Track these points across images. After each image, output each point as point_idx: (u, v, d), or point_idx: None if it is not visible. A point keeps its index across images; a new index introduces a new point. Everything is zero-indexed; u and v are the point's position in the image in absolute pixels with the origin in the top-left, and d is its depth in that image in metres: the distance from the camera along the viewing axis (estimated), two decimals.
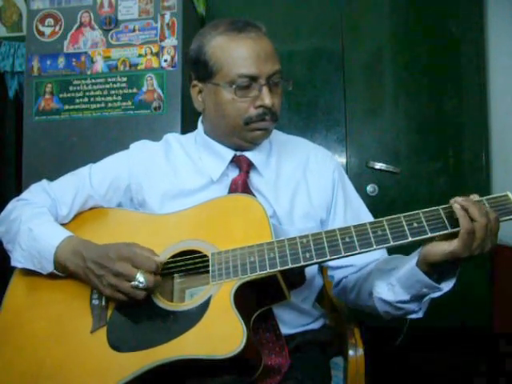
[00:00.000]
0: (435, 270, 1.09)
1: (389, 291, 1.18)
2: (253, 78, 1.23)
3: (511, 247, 2.31)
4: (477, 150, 2.56)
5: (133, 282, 1.07)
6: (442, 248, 1.04)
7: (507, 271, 2.35)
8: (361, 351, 1.30)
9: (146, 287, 1.08)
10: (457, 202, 1.02)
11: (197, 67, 1.31)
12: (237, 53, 1.23)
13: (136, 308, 1.11)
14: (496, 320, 2.46)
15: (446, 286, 1.10)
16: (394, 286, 1.16)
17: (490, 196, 1.04)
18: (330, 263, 1.37)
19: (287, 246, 1.08)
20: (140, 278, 1.07)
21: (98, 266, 1.11)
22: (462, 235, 1.01)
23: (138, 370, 1.01)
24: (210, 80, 1.28)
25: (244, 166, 1.33)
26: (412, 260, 1.12)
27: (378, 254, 1.30)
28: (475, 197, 1.05)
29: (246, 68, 1.23)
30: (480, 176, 2.53)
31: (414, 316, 1.19)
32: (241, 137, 1.30)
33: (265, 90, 1.24)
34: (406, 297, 1.14)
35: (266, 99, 1.24)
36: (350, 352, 1.31)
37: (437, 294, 1.11)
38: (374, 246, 1.04)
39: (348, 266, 1.35)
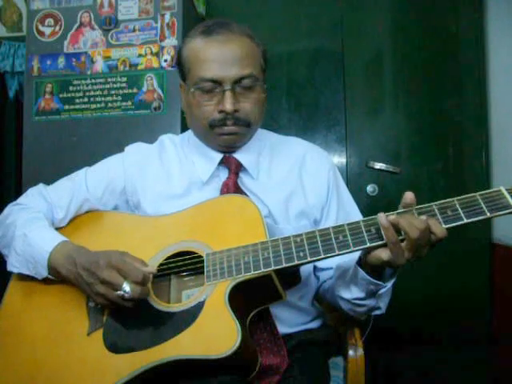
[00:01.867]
0: (380, 270, 1.12)
1: (346, 289, 1.23)
2: (216, 82, 1.24)
3: (511, 247, 2.31)
4: (477, 150, 2.55)
5: (118, 292, 1.07)
6: (379, 256, 1.06)
7: (507, 271, 2.35)
8: (361, 351, 1.31)
9: (132, 297, 1.07)
10: (387, 217, 1.03)
11: (178, 68, 1.35)
12: (202, 56, 1.25)
13: (132, 310, 1.11)
14: (495, 320, 2.46)
15: (389, 282, 1.15)
16: (349, 284, 1.20)
17: (484, 191, 1.03)
18: (318, 264, 1.37)
19: (281, 245, 1.09)
20: (126, 287, 1.06)
21: (88, 272, 1.11)
22: (389, 247, 1.03)
23: (134, 372, 1.02)
24: (185, 82, 1.32)
25: (233, 168, 1.33)
26: (354, 261, 1.16)
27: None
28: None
29: (209, 71, 1.24)
30: (480, 176, 2.52)
31: (377, 312, 1.23)
32: (212, 140, 1.33)
33: (227, 94, 1.24)
34: (361, 294, 1.18)
35: (226, 104, 1.23)
36: (350, 352, 1.32)
37: (383, 290, 1.15)
38: (368, 244, 1.05)
39: (329, 268, 1.37)
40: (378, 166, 2.60)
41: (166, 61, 2.26)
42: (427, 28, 2.64)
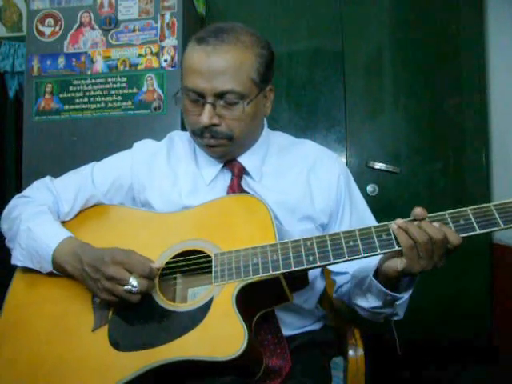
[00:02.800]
0: (397, 280, 1.11)
1: (363, 299, 1.22)
2: (198, 94, 1.21)
3: (511, 247, 2.31)
4: (477, 150, 2.56)
5: (126, 287, 1.07)
6: (394, 265, 1.05)
7: (507, 271, 2.35)
8: (361, 351, 1.31)
9: (139, 291, 1.07)
10: (395, 223, 1.03)
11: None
12: (188, 64, 1.22)
13: (138, 307, 1.10)
14: (496, 320, 2.46)
15: (406, 293, 1.14)
16: (366, 293, 1.20)
17: (498, 202, 1.01)
18: (332, 268, 1.37)
19: (291, 248, 1.08)
20: (133, 282, 1.07)
21: (94, 269, 1.11)
22: (404, 253, 1.02)
23: (139, 370, 1.01)
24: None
25: (236, 171, 1.33)
26: (371, 271, 1.16)
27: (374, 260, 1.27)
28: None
29: (191, 82, 1.21)
30: (480, 176, 2.52)
31: (395, 318, 1.23)
32: (201, 148, 1.33)
33: (206, 108, 1.21)
34: (379, 303, 1.18)
35: (203, 117, 1.21)
36: (350, 352, 1.32)
37: (400, 301, 1.15)
38: (379, 251, 1.03)
39: (345, 272, 1.36)
40: (378, 166, 2.60)
41: (166, 61, 2.26)
42: (427, 28, 2.64)
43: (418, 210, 1.03)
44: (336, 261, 1.05)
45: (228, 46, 1.20)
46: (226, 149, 1.29)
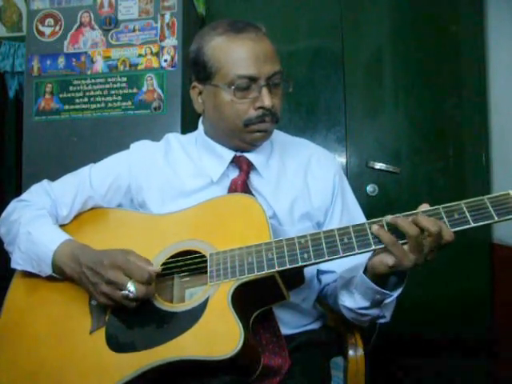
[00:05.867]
0: (385, 278, 1.11)
1: (350, 299, 1.21)
2: (252, 79, 1.22)
3: (511, 247, 2.31)
4: (477, 150, 2.55)
5: (123, 292, 1.07)
6: (385, 261, 1.05)
7: (507, 271, 2.35)
8: (361, 351, 1.31)
9: (136, 298, 1.07)
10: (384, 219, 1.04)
11: (196, 68, 1.30)
12: (236, 53, 1.22)
13: (134, 309, 1.10)
14: (496, 320, 2.46)
15: (396, 292, 1.13)
16: (354, 293, 1.19)
17: (492, 195, 1.02)
18: (319, 266, 1.37)
19: (285, 246, 1.08)
20: (131, 287, 1.06)
21: (92, 272, 1.11)
22: (390, 250, 1.03)
23: (136, 371, 1.01)
24: (209, 81, 1.27)
25: (244, 167, 1.32)
26: (360, 269, 1.15)
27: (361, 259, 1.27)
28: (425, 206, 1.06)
29: (244, 69, 1.21)
30: (480, 176, 2.51)
31: (382, 321, 1.22)
32: (240, 139, 1.30)
33: (264, 90, 1.22)
34: (366, 303, 1.17)
35: (266, 100, 1.22)
36: (350, 352, 1.32)
37: (389, 300, 1.14)
38: (373, 247, 1.04)
39: (331, 271, 1.36)
40: (378, 166, 2.60)
41: (166, 61, 2.26)
42: (427, 28, 2.64)
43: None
44: (331, 257, 1.05)
45: (261, 32, 1.26)
46: (270, 135, 1.33)
